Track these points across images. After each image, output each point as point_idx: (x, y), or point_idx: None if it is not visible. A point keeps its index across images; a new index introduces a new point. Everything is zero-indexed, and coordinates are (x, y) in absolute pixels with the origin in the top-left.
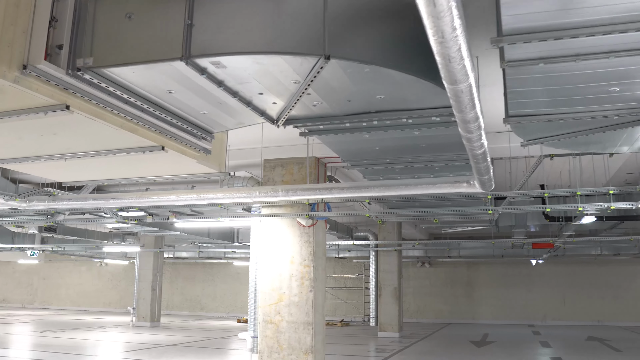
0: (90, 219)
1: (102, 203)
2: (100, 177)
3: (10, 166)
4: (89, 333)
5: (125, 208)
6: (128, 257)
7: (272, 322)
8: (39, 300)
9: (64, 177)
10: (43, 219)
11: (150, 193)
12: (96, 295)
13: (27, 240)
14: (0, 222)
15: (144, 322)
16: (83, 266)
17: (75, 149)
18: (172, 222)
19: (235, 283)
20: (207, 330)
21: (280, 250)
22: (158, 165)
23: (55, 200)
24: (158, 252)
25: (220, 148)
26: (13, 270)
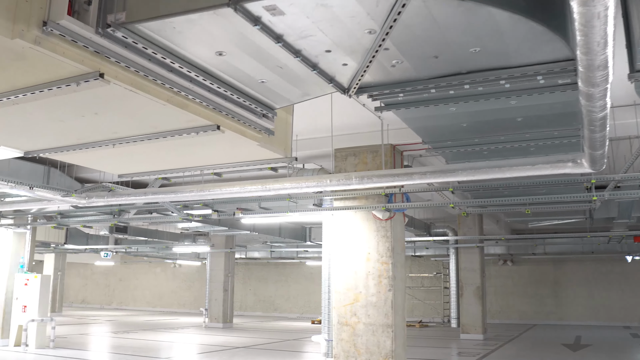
0: (157, 218)
1: (162, 197)
2: (155, 167)
3: (58, 156)
4: (161, 334)
5: (190, 205)
6: (200, 258)
7: (348, 324)
8: (116, 302)
9: (117, 168)
10: (109, 218)
11: (212, 185)
12: (171, 296)
13: (101, 242)
14: (67, 222)
15: (216, 323)
16: (157, 267)
17: (122, 132)
18: (239, 218)
19: (308, 283)
20: (280, 332)
21: (355, 247)
22: (215, 150)
23: (114, 196)
24: (229, 252)
25: (285, 130)
26: (91, 272)
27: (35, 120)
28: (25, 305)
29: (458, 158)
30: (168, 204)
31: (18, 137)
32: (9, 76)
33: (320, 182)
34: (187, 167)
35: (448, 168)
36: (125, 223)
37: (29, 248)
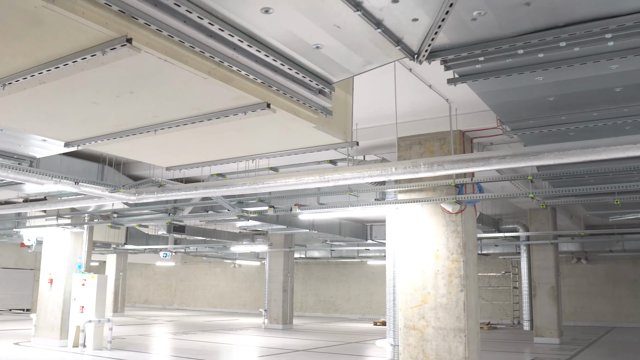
0: (212, 216)
1: (214, 192)
2: (203, 158)
3: (100, 146)
4: (219, 336)
5: (245, 201)
6: (260, 257)
7: (416, 328)
8: (178, 302)
9: (164, 160)
10: (164, 216)
11: (266, 177)
12: (231, 297)
13: (161, 242)
14: (122, 222)
15: (276, 324)
16: (217, 268)
17: (162, 115)
18: (296, 214)
19: (369, 283)
20: (341, 334)
21: (422, 243)
22: (266, 135)
23: (164, 192)
24: (287, 251)
25: (344, 111)
26: (153, 272)
27: (68, 104)
28: (82, 305)
29: (538, 140)
30: (222, 200)
31: (55, 125)
32: (29, 48)
33: (384, 170)
34: (236, 156)
35: (531, 150)
36: (179, 221)
37: (86, 248)
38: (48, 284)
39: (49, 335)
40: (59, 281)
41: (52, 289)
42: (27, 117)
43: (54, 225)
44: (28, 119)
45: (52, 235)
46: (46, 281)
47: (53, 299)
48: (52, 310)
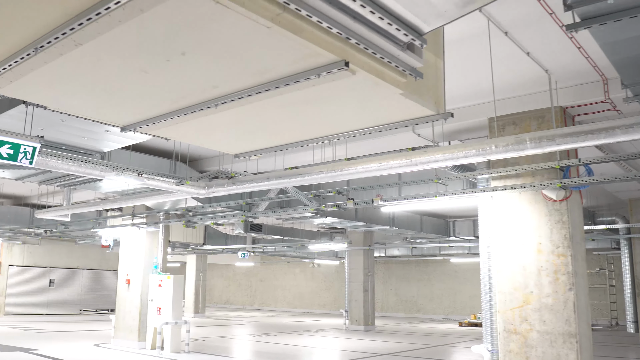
0: (288, 211)
1: (288, 182)
2: (272, 142)
3: (159, 130)
4: (300, 338)
5: (322, 194)
6: (339, 257)
7: (518, 333)
8: (258, 302)
9: (230, 145)
10: (239, 213)
11: (344, 163)
12: (311, 297)
13: (239, 242)
14: (196, 220)
15: (357, 325)
16: (297, 268)
17: (222, 84)
18: (378, 206)
19: (453, 282)
20: (427, 336)
21: (521, 236)
22: (343, 107)
23: (235, 184)
24: (367, 249)
25: (434, 76)
26: (234, 272)
27: (114, 74)
28: (159, 307)
29: None
30: (298, 192)
31: (105, 103)
32: None
33: (482, 149)
34: (309, 138)
35: None
36: (254, 217)
37: (162, 248)
38: (126, 284)
39: (127, 337)
40: (136, 282)
41: (129, 290)
42: (73, 93)
43: (129, 224)
44: (74, 96)
45: (128, 235)
46: (124, 282)
47: (131, 300)
48: (130, 311)
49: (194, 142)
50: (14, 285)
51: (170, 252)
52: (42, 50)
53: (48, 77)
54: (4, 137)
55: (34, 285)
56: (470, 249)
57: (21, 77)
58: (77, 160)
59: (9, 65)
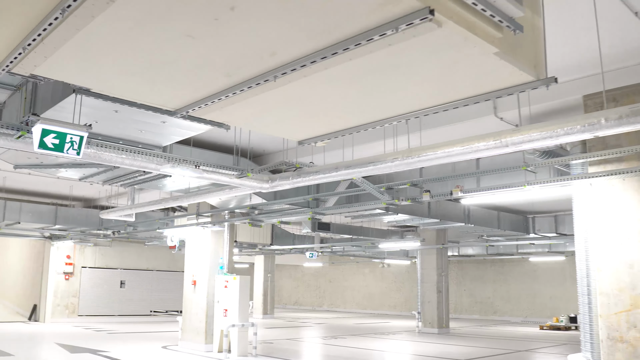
0: (357, 206)
1: (358, 171)
2: (339, 124)
3: (210, 112)
4: (371, 341)
5: (395, 187)
6: (409, 256)
7: (624, 341)
8: (327, 303)
9: (293, 130)
10: (305, 210)
11: (422, 148)
12: (381, 298)
13: (307, 242)
14: (261, 218)
15: (431, 328)
16: (366, 268)
17: (281, 49)
18: (459, 198)
19: (531, 282)
20: (506, 339)
21: (627, 229)
22: (423, 75)
23: (300, 175)
24: (441, 248)
25: (532, 36)
26: (302, 273)
27: (153, 40)
28: (226, 309)
29: None
30: (369, 185)
31: (151, 82)
32: None
33: (588, 123)
34: (382, 118)
35: None
36: (322, 214)
37: (227, 248)
38: (192, 286)
39: (194, 339)
40: (202, 283)
41: (195, 292)
42: (112, 71)
43: (194, 224)
44: (115, 74)
45: (193, 236)
46: (190, 283)
47: (197, 302)
48: (197, 313)
49: (253, 128)
50: (86, 287)
51: (238, 253)
52: (71, 12)
53: (83, 49)
54: (49, 125)
55: (106, 286)
56: (550, 247)
57: (55, 52)
58: (130, 152)
59: (39, 35)
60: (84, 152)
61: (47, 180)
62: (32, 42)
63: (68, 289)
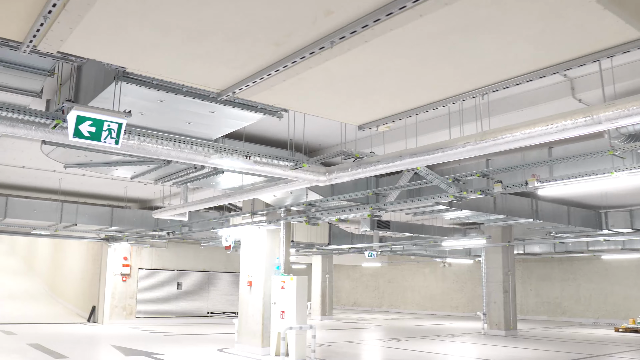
0: (419, 200)
1: (425, 159)
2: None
3: (261, 94)
4: (434, 343)
5: (463, 178)
6: (472, 255)
7: None
8: (387, 304)
9: (351, 113)
10: (365, 206)
11: (498, 130)
12: (442, 298)
13: (365, 241)
14: (318, 216)
15: (497, 330)
16: (426, 268)
17: (338, 10)
18: (535, 188)
19: (603, 282)
20: (580, 343)
21: None
22: (510, 35)
23: (360, 166)
24: (507, 246)
25: None
26: (360, 274)
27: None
28: (282, 310)
29: None
30: (435, 177)
31: (190, 58)
32: None
33: None
34: (456, 93)
35: None
36: (383, 209)
37: (284, 247)
38: (247, 287)
39: (250, 342)
40: (258, 284)
41: (251, 293)
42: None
43: (249, 223)
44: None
45: (248, 235)
46: (245, 284)
47: (253, 303)
48: (253, 315)
49: (308, 110)
50: (143, 288)
51: (295, 253)
52: None
53: (110, 19)
54: (84, 111)
55: (163, 288)
56: (624, 244)
57: (80, 21)
58: (176, 142)
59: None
60: (127, 143)
61: (101, 182)
62: (53, 7)
63: (125, 290)
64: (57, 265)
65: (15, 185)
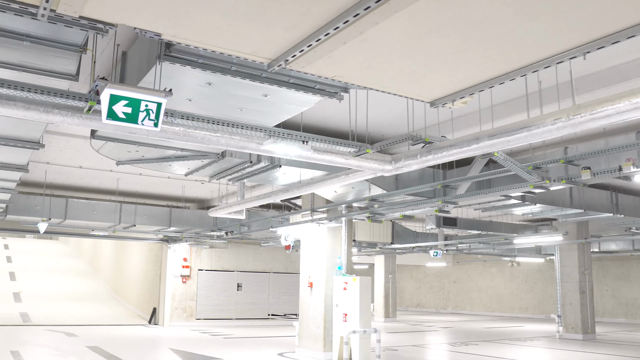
0: (491, 191)
1: (506, 141)
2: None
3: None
4: (507, 348)
5: (543, 165)
6: (543, 254)
7: None
8: (452, 305)
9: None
10: (434, 200)
11: (595, 102)
12: (510, 299)
13: (430, 240)
14: (382, 212)
15: (574, 333)
16: (493, 267)
17: None
18: (631, 174)
19: None
20: None
21: None
22: None
23: (431, 152)
24: (583, 243)
25: None
26: (424, 274)
27: None
28: (345, 313)
29: None
30: (514, 163)
31: (235, 21)
32: None
33: None
34: (551, 55)
35: None
36: (453, 202)
37: (346, 246)
38: (308, 288)
39: (312, 346)
40: (319, 285)
41: (312, 294)
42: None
43: (309, 221)
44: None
45: (308, 234)
46: (306, 285)
47: (314, 305)
48: (314, 317)
49: (372, 84)
50: (203, 290)
51: (357, 252)
52: None
53: None
54: (118, 89)
55: (223, 289)
56: None
57: None
58: (226, 126)
59: None
60: (171, 130)
61: (158, 181)
62: None
63: (185, 292)
64: (119, 267)
65: (74, 186)
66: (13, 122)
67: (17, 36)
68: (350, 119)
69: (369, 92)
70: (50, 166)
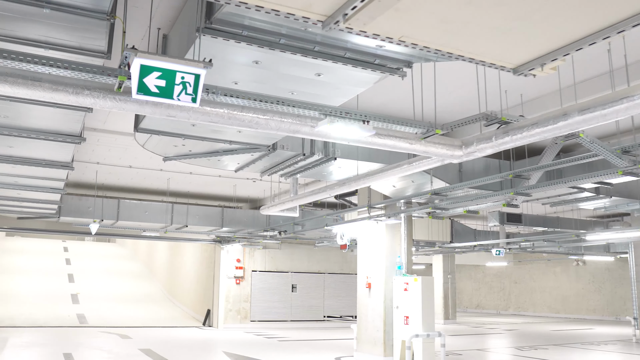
0: (564, 181)
1: (599, 115)
2: (576, 29)
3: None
4: (579, 353)
5: (632, 150)
6: (612, 252)
7: None
8: (513, 306)
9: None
10: (500, 193)
11: None
12: (576, 300)
13: (491, 238)
14: (444, 206)
15: None
16: (557, 267)
17: None
18: None
19: None
20: None
21: None
22: None
23: (508, 133)
24: None
25: None
26: (483, 274)
27: None
28: (406, 315)
29: None
30: (601, 146)
31: None
32: None
33: None
34: None
35: None
36: (525, 194)
37: (405, 244)
38: (366, 289)
39: (371, 351)
40: (378, 286)
41: (370, 296)
42: None
43: (366, 218)
44: None
45: (366, 232)
46: (364, 286)
47: (373, 307)
48: (373, 320)
49: (444, 45)
50: (257, 291)
51: (414, 252)
52: None
53: None
54: (149, 59)
55: (277, 290)
56: None
57: None
58: (276, 104)
59: None
60: (215, 112)
61: (209, 180)
62: None
63: (239, 293)
64: (174, 269)
65: (125, 187)
66: (50, 113)
67: (36, 2)
68: (414, 104)
69: (434, 72)
70: (100, 166)
